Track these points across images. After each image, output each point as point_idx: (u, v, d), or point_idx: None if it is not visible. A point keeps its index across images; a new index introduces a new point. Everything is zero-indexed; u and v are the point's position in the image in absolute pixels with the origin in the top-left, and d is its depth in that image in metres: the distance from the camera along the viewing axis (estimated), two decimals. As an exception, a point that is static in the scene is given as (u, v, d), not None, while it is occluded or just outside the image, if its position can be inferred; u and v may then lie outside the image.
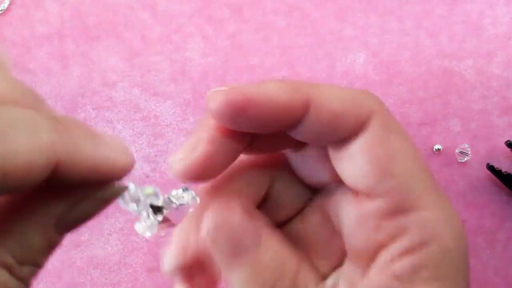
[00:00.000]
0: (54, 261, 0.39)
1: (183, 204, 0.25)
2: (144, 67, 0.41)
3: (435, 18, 0.42)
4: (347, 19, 0.42)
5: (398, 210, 0.23)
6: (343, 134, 0.23)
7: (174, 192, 0.26)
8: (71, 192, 0.22)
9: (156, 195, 0.25)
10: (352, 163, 0.23)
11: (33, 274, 0.22)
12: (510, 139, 0.40)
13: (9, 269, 0.21)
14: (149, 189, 0.25)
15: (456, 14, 0.42)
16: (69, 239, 0.39)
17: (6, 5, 0.42)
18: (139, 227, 0.25)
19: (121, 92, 0.41)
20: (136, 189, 0.25)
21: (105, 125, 0.41)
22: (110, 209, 0.24)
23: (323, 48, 0.41)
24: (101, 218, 0.40)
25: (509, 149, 0.40)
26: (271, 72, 0.41)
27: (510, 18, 0.42)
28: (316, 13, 0.42)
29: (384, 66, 0.41)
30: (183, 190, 0.26)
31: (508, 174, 0.39)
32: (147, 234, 0.25)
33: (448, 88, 0.41)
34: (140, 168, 0.40)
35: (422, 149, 0.41)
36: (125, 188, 0.24)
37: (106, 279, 0.40)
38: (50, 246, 0.22)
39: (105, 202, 0.23)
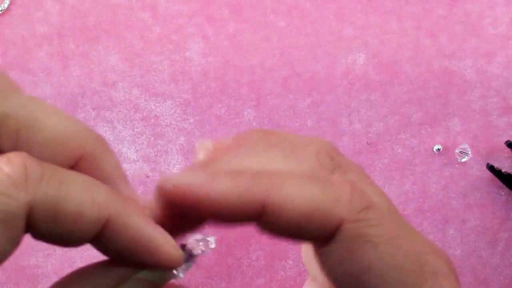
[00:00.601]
0: (54, 261, 0.39)
1: (203, 251, 0.26)
2: (144, 67, 0.41)
3: (435, 18, 0.42)
4: (347, 19, 0.42)
5: None
6: (307, 238, 0.22)
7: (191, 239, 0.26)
8: (118, 267, 0.22)
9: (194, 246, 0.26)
10: (328, 267, 0.22)
11: None
12: (510, 139, 0.40)
13: None
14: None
15: (456, 14, 0.42)
16: (69, 239, 0.39)
17: (6, 5, 0.42)
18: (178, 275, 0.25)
19: (121, 92, 0.41)
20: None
21: (105, 125, 0.41)
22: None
23: (323, 48, 0.41)
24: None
25: (509, 149, 0.40)
26: (271, 72, 0.41)
27: (510, 18, 0.42)
28: (316, 13, 0.42)
29: (384, 66, 0.41)
30: (201, 239, 0.26)
31: (508, 174, 0.39)
32: (180, 276, 0.25)
33: (448, 88, 0.41)
34: (140, 168, 0.40)
35: (422, 149, 0.41)
36: (170, 277, 0.23)
37: (106, 279, 0.40)
38: None
39: (148, 284, 0.23)
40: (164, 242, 0.22)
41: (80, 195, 0.20)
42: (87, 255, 0.39)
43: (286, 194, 0.21)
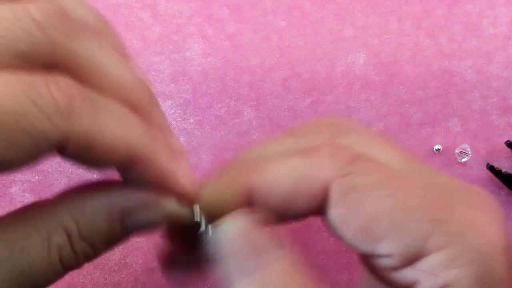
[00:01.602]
0: (54, 261, 0.39)
1: None
2: (144, 67, 0.41)
3: (435, 18, 0.42)
4: (347, 19, 0.42)
5: (407, 262, 0.21)
6: (304, 212, 0.22)
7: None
8: (141, 195, 0.22)
9: None
10: (342, 233, 0.22)
11: (87, 255, 0.22)
12: (510, 139, 0.40)
13: (69, 236, 0.21)
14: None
15: (456, 14, 0.42)
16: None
17: (6, 5, 0.42)
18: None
19: (121, 92, 0.41)
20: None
21: (105, 125, 0.41)
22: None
23: (323, 48, 0.42)
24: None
25: (509, 149, 0.40)
26: (271, 72, 0.41)
27: (510, 18, 0.42)
28: (316, 13, 0.42)
29: (384, 66, 0.41)
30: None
31: (508, 174, 0.39)
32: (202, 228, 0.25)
33: (448, 88, 0.41)
34: (140, 168, 0.40)
35: (422, 149, 0.41)
36: (188, 215, 0.23)
37: (106, 279, 0.39)
38: (111, 238, 0.23)
39: (168, 217, 0.23)
40: (184, 179, 0.23)
41: (114, 132, 0.20)
42: (87, 255, 0.39)
43: (268, 176, 0.22)
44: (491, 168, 0.39)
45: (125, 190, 0.22)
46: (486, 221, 0.22)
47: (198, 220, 0.23)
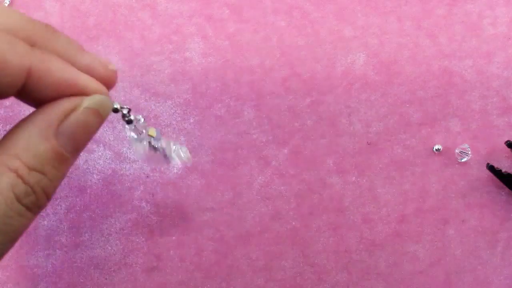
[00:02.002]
0: (54, 261, 0.39)
1: (174, 159, 0.31)
2: (144, 67, 0.41)
3: (435, 18, 0.42)
4: (347, 19, 0.42)
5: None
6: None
7: (173, 145, 0.31)
8: (63, 103, 0.24)
9: (158, 139, 0.30)
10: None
11: (43, 185, 0.23)
12: (510, 139, 0.40)
13: (16, 172, 0.22)
14: (152, 131, 0.30)
15: (455, 14, 0.42)
16: (69, 239, 0.39)
17: (6, 5, 0.42)
18: (135, 153, 0.30)
19: (121, 92, 0.41)
20: (143, 124, 0.29)
21: (105, 125, 0.41)
22: (110, 209, 0.24)
23: (323, 48, 0.41)
24: (101, 218, 0.40)
25: (509, 149, 0.40)
26: (271, 72, 0.41)
27: (510, 18, 0.42)
28: (316, 13, 0.42)
29: (384, 66, 0.41)
30: (180, 147, 0.31)
31: (508, 174, 0.39)
32: (141, 158, 0.30)
33: (448, 88, 0.41)
34: (140, 168, 0.40)
35: (422, 149, 0.41)
36: (109, 101, 0.27)
37: (106, 279, 0.39)
38: (56, 157, 0.24)
39: (95, 113, 0.25)
40: (87, 78, 0.25)
41: (2, 45, 0.22)
42: (87, 255, 0.39)
43: None
44: (491, 168, 0.39)
45: (45, 109, 0.24)
46: None
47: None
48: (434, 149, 0.40)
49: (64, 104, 0.24)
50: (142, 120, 0.29)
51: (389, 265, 0.40)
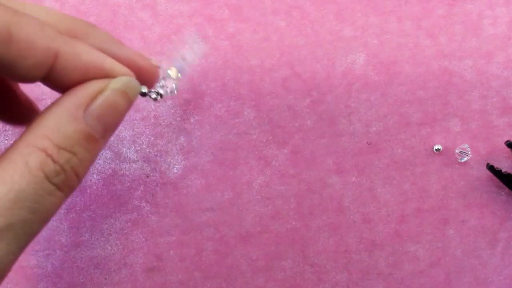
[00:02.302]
0: (54, 261, 0.39)
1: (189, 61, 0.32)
2: (144, 67, 0.41)
3: (435, 18, 0.42)
4: (347, 19, 0.42)
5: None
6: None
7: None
8: (91, 85, 0.25)
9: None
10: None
11: (72, 164, 0.24)
12: (510, 139, 0.40)
13: (45, 151, 0.22)
14: (174, 71, 0.31)
15: (455, 14, 0.42)
16: (69, 239, 0.39)
17: (6, 5, 0.42)
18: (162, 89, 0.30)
19: (121, 92, 0.41)
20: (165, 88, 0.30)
21: (105, 125, 0.41)
22: (110, 209, 0.24)
23: (323, 48, 0.41)
24: (101, 218, 0.40)
25: (509, 149, 0.40)
26: (271, 72, 0.41)
27: (510, 18, 0.42)
28: (316, 13, 0.42)
29: (384, 66, 0.41)
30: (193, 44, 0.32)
31: (508, 174, 0.39)
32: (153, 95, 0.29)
33: (448, 88, 0.41)
34: (140, 168, 0.40)
35: (422, 149, 0.41)
36: (136, 83, 0.27)
37: (106, 279, 0.39)
38: (85, 137, 0.24)
39: (122, 94, 0.25)
40: (116, 64, 0.25)
41: (31, 26, 0.23)
42: (87, 255, 0.39)
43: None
44: (491, 168, 0.39)
45: (74, 91, 0.24)
46: None
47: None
48: (434, 149, 0.40)
49: (92, 86, 0.24)
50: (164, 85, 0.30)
51: (389, 265, 0.40)
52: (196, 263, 0.40)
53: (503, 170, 0.39)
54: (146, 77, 0.28)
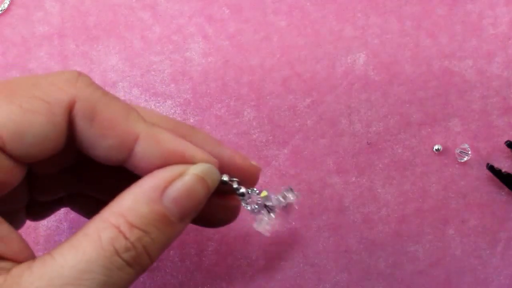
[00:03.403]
0: (54, 261, 0.39)
1: (290, 202, 0.30)
2: (144, 67, 0.41)
3: (435, 18, 0.42)
4: (347, 19, 0.42)
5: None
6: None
7: (279, 194, 0.30)
8: (170, 169, 0.25)
9: (269, 198, 0.29)
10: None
11: (144, 242, 0.24)
12: (510, 139, 0.40)
13: (118, 228, 0.23)
14: (264, 193, 0.29)
15: (456, 14, 0.42)
16: (69, 239, 0.39)
17: (6, 5, 0.42)
18: (259, 226, 0.29)
19: (121, 92, 0.41)
20: (252, 193, 0.29)
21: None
22: (110, 209, 0.24)
23: (323, 48, 0.41)
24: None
25: (509, 149, 0.40)
26: (271, 72, 0.41)
27: (510, 18, 0.42)
28: (316, 13, 0.42)
29: (384, 66, 0.41)
30: (287, 190, 0.30)
31: (508, 174, 0.39)
32: (267, 231, 0.29)
33: (448, 88, 0.41)
34: (140, 168, 0.40)
35: (422, 149, 0.41)
36: (215, 171, 0.26)
37: (106, 279, 0.39)
38: (162, 221, 0.24)
39: (201, 180, 0.25)
40: (197, 151, 0.26)
41: (117, 108, 0.24)
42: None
43: None
44: (491, 168, 0.39)
45: (153, 173, 0.25)
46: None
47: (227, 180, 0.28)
48: (434, 149, 0.40)
49: (171, 170, 0.25)
50: (257, 191, 0.29)
51: (389, 265, 0.40)
52: (196, 263, 0.40)
53: (503, 170, 0.39)
54: (245, 177, 0.28)
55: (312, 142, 0.41)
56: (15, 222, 0.30)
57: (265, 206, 0.29)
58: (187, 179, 0.25)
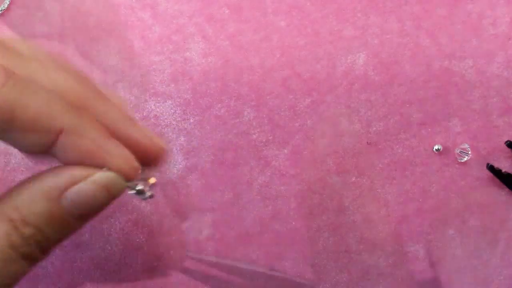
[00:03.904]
0: (54, 261, 0.39)
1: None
2: (144, 67, 0.41)
3: (435, 18, 0.42)
4: (347, 19, 0.42)
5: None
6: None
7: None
8: (77, 170, 0.24)
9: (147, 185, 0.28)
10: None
11: (37, 240, 0.24)
12: (510, 139, 0.40)
13: (13, 223, 0.23)
14: (153, 180, 0.29)
15: (456, 14, 0.42)
16: (69, 239, 0.39)
17: (6, 5, 0.42)
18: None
19: (121, 92, 0.41)
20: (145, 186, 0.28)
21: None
22: (110, 209, 0.25)
23: (323, 48, 0.41)
24: (101, 218, 0.40)
25: (509, 149, 0.40)
26: (271, 72, 0.41)
27: (510, 18, 0.42)
28: (316, 13, 0.42)
29: (384, 66, 0.41)
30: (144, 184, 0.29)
31: (508, 174, 0.39)
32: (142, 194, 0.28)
33: (448, 88, 0.41)
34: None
35: (422, 149, 0.41)
36: (121, 182, 0.26)
37: (106, 279, 0.40)
38: (55, 220, 0.24)
39: (103, 189, 0.25)
40: (116, 153, 0.25)
41: (36, 106, 0.23)
42: (87, 255, 0.39)
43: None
44: (491, 168, 0.39)
45: (56, 170, 0.24)
46: None
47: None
48: (434, 149, 0.40)
49: (77, 171, 0.24)
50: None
51: (389, 265, 0.40)
52: (196, 263, 0.40)
53: (503, 170, 0.39)
54: (150, 160, 0.28)
55: (312, 142, 0.41)
56: None
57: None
58: (88, 185, 0.24)
